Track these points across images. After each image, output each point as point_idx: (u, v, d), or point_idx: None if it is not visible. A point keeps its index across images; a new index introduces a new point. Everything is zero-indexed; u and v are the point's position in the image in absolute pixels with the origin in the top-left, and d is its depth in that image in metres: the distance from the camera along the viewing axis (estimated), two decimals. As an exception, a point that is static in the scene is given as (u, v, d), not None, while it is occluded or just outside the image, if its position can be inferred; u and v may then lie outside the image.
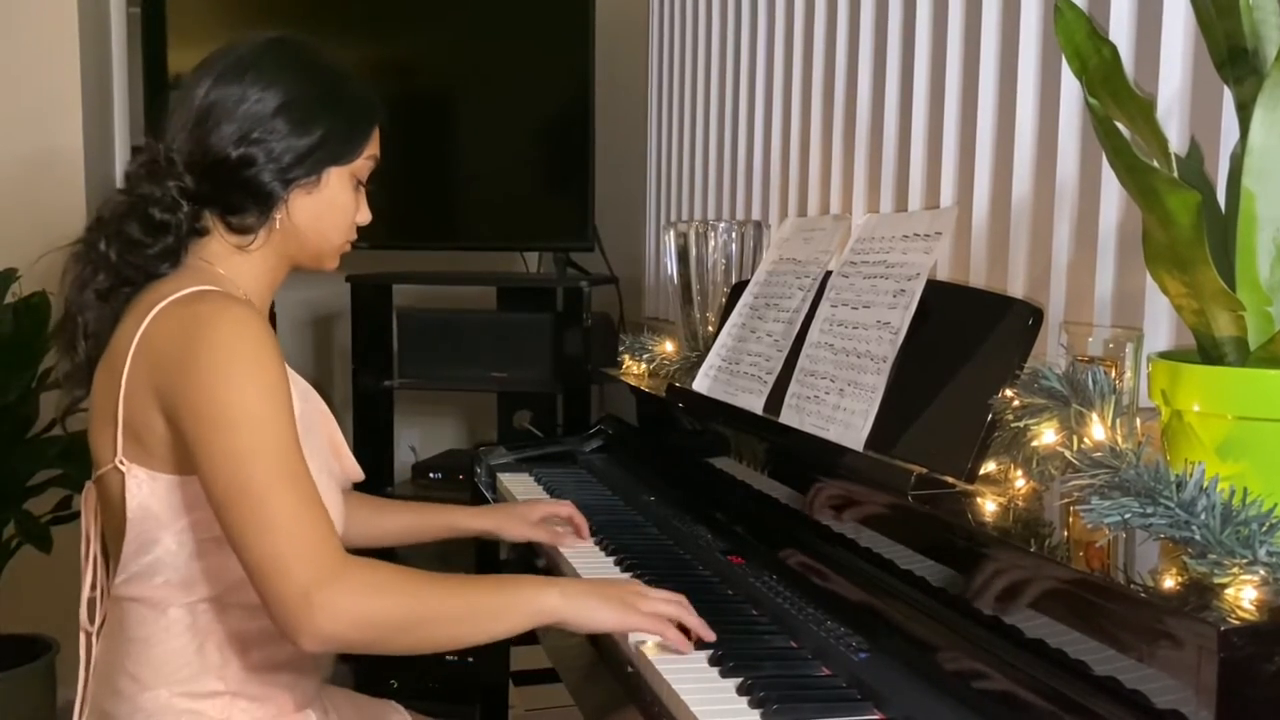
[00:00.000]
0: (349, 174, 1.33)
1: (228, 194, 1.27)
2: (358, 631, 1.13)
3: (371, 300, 2.97)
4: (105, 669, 1.30)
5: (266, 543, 1.12)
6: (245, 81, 1.27)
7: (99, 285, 1.28)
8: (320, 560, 1.12)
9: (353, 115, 1.33)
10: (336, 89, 1.33)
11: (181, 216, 1.27)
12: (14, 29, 2.96)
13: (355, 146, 1.32)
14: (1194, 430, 0.94)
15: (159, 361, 1.19)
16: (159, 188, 1.26)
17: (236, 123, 1.26)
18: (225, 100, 1.26)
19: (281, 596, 1.11)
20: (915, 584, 1.12)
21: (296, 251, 1.33)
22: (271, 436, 1.15)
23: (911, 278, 1.35)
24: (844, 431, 1.35)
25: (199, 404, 1.15)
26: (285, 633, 1.12)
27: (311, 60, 1.33)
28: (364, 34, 2.96)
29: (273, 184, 1.27)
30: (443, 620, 1.17)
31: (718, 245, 1.99)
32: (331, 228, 1.33)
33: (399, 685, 2.67)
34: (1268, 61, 0.92)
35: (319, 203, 1.31)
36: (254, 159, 1.26)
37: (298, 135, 1.27)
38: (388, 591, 1.15)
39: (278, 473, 1.14)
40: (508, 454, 2.16)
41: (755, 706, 1.05)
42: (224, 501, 1.14)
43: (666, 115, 2.84)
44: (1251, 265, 0.93)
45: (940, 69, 1.68)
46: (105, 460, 1.24)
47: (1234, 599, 0.81)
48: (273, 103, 1.26)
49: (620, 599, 1.20)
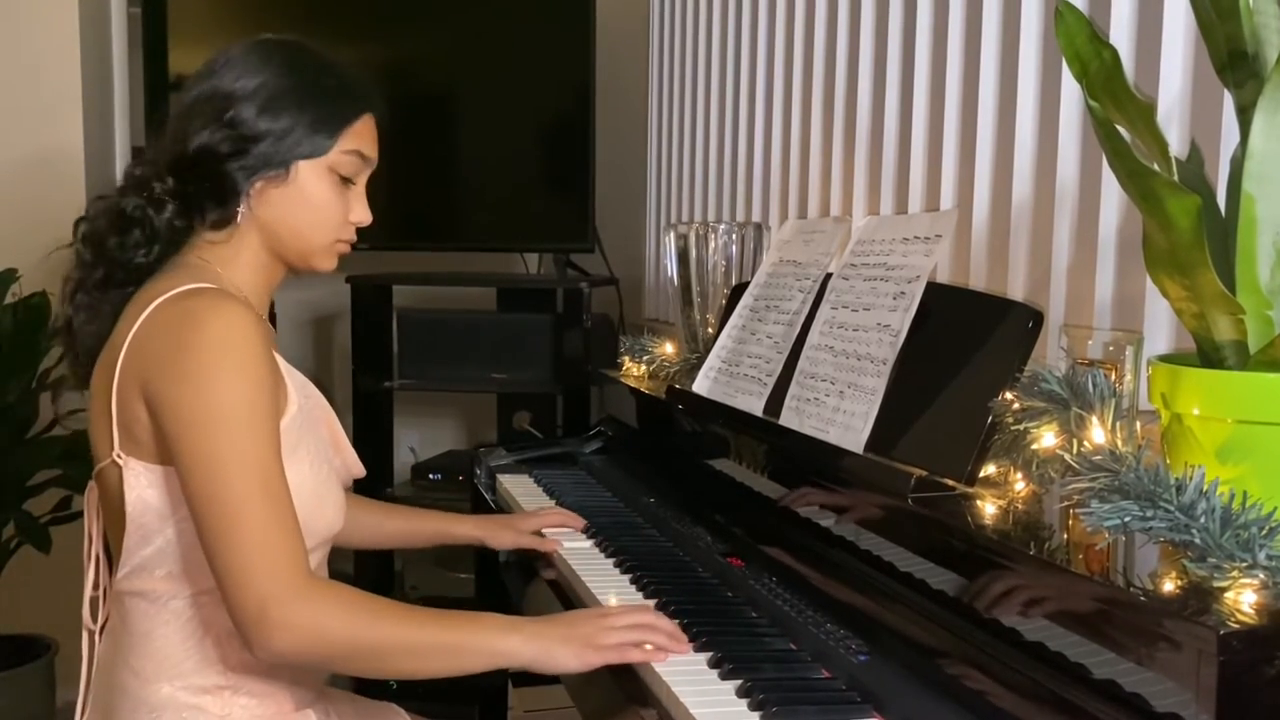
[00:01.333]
0: (325, 169, 1.29)
1: (194, 187, 1.26)
2: (310, 650, 1.14)
3: (371, 301, 2.96)
4: (107, 664, 1.30)
5: (231, 553, 1.13)
6: (217, 76, 1.27)
7: (88, 285, 1.30)
8: (281, 576, 1.13)
9: (327, 106, 1.29)
10: (312, 80, 1.29)
11: (156, 214, 1.26)
12: (15, 29, 2.96)
13: (326, 139, 1.28)
14: (1194, 433, 0.94)
15: (148, 357, 1.19)
16: (139, 187, 1.28)
17: (204, 115, 1.26)
18: (200, 96, 1.27)
19: (239, 607, 1.13)
20: (915, 587, 1.12)
21: (279, 249, 1.31)
22: (249, 444, 1.15)
23: (912, 280, 1.35)
24: (844, 434, 1.35)
25: (180, 402, 1.15)
26: (245, 643, 1.14)
27: (289, 54, 1.30)
28: (364, 34, 2.96)
29: (235, 174, 1.25)
30: (397, 652, 1.17)
31: (718, 247, 1.99)
32: (306, 225, 1.30)
33: (398, 686, 2.67)
34: (1268, 65, 0.92)
35: (288, 198, 1.28)
36: (215, 148, 1.24)
37: (261, 123, 1.25)
38: (344, 617, 1.15)
39: (252, 482, 1.14)
40: (507, 455, 2.16)
41: (755, 709, 1.05)
42: (197, 504, 1.15)
43: (667, 116, 2.84)
44: (1251, 269, 0.93)
45: (941, 71, 1.68)
46: (103, 455, 1.24)
47: (1233, 602, 0.81)
48: (240, 93, 1.25)
49: (581, 639, 1.18)
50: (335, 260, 1.35)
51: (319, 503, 1.26)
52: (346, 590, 1.18)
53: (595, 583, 1.43)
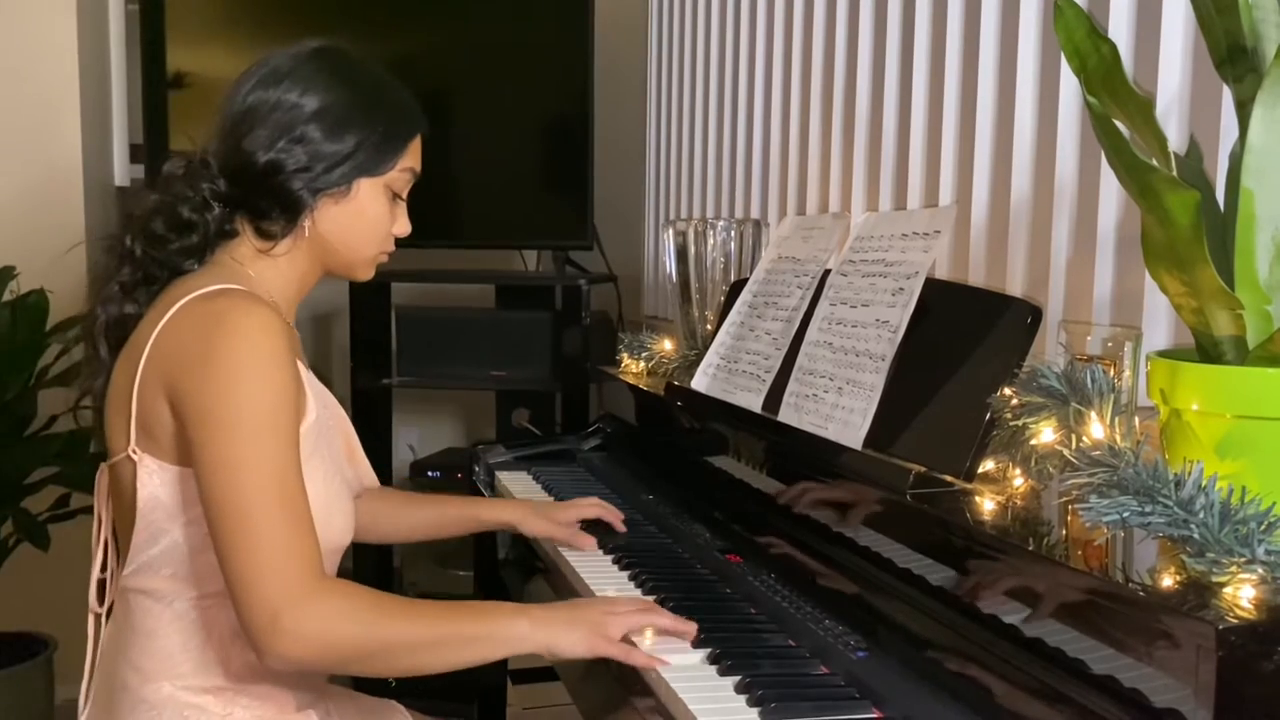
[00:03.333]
0: (382, 185, 1.31)
1: (256, 199, 1.28)
2: (319, 657, 1.14)
3: (370, 298, 2.96)
4: (110, 661, 1.30)
5: (244, 558, 1.12)
6: (282, 87, 1.27)
7: (123, 279, 1.30)
8: (292, 583, 1.12)
9: (389, 126, 1.31)
10: (374, 99, 1.31)
11: (209, 217, 1.28)
12: (13, 28, 2.96)
13: (389, 158, 1.31)
14: (1193, 429, 0.94)
15: (173, 355, 1.19)
16: (191, 188, 1.28)
17: (269, 128, 1.26)
18: (261, 105, 1.27)
19: (250, 613, 1.12)
20: (914, 583, 1.12)
21: (326, 260, 1.33)
22: (269, 449, 1.14)
23: (910, 276, 1.35)
24: (843, 430, 1.35)
25: (203, 404, 1.15)
26: (253, 649, 1.13)
27: (350, 69, 1.32)
28: (364, 33, 2.95)
29: (301, 191, 1.27)
30: (408, 649, 1.17)
31: (716, 243, 1.99)
32: (361, 240, 1.33)
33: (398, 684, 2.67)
34: (1267, 60, 0.92)
35: (348, 213, 1.30)
36: (283, 165, 1.26)
37: (330, 143, 1.27)
38: (355, 620, 1.15)
39: (269, 488, 1.14)
40: (506, 452, 2.16)
41: (753, 705, 1.05)
42: (212, 507, 1.14)
43: (665, 114, 2.84)
44: (1250, 264, 0.93)
45: (939, 67, 1.68)
46: (119, 449, 1.24)
47: (1232, 598, 0.81)
48: (307, 109, 1.26)
49: (589, 625, 1.19)
50: (374, 270, 1.38)
51: (328, 515, 1.26)
52: (355, 592, 1.17)
53: (594, 579, 1.43)
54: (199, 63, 2.88)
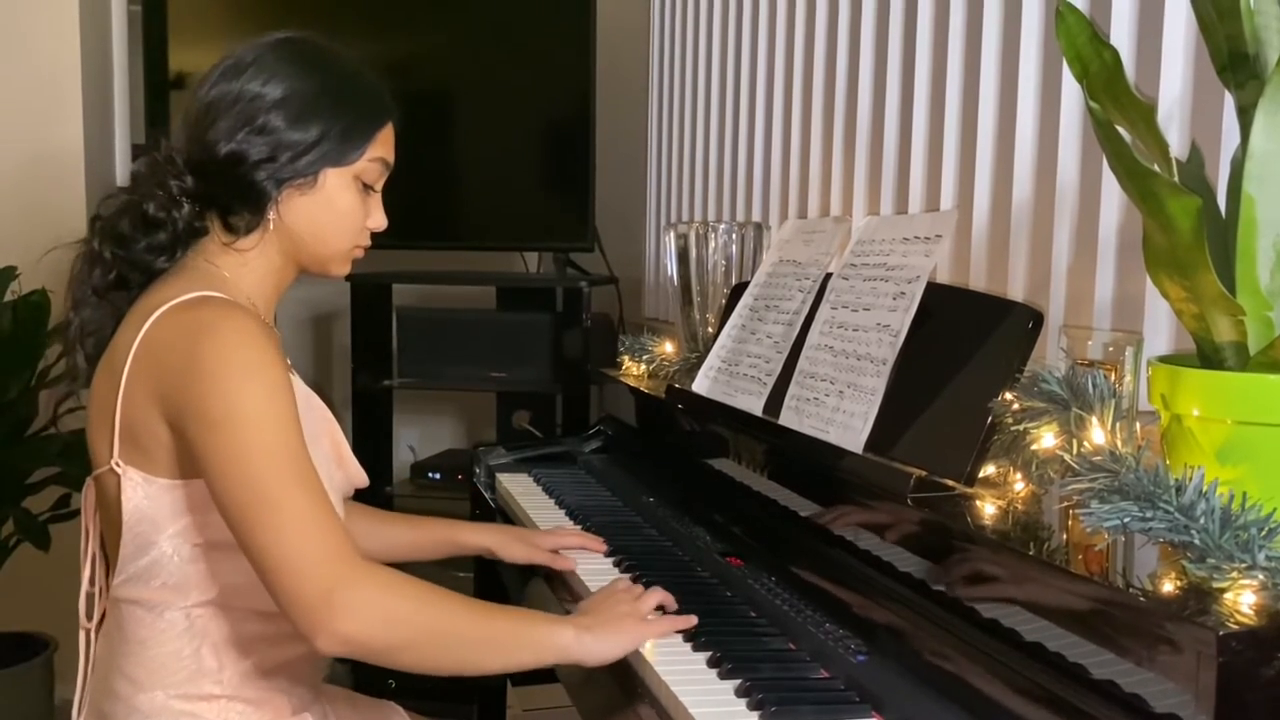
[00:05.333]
0: (351, 176, 1.29)
1: (220, 192, 1.26)
2: (374, 636, 1.11)
3: (371, 300, 2.96)
4: (103, 670, 1.29)
5: (283, 544, 1.10)
6: (244, 77, 1.25)
7: (96, 283, 1.28)
8: (340, 561, 1.10)
9: (355, 115, 1.28)
10: (340, 87, 1.29)
11: (178, 215, 1.25)
12: (14, 27, 2.96)
13: (356, 148, 1.28)
14: (1193, 434, 0.94)
15: (161, 367, 1.18)
16: (158, 185, 1.26)
17: (231, 119, 1.24)
18: (224, 97, 1.25)
19: (300, 597, 1.09)
20: (914, 587, 1.12)
21: (297, 255, 1.30)
22: (280, 437, 1.13)
23: (911, 280, 1.35)
24: (843, 434, 1.35)
25: (205, 407, 1.14)
26: (303, 634, 1.10)
27: (315, 57, 1.29)
28: (364, 33, 2.96)
29: (264, 182, 1.24)
30: (463, 641, 1.15)
31: (718, 246, 1.99)
32: (330, 232, 1.30)
33: (397, 685, 2.67)
34: (1269, 66, 0.92)
35: (316, 205, 1.27)
36: (245, 155, 1.23)
37: (293, 132, 1.24)
38: (412, 600, 1.13)
39: (289, 473, 1.12)
40: (507, 454, 2.16)
41: (753, 709, 1.05)
42: (235, 504, 1.12)
43: (667, 116, 2.84)
44: (1252, 270, 0.93)
45: (941, 71, 1.68)
46: (102, 461, 1.23)
47: (1233, 603, 0.81)
48: (269, 98, 1.24)
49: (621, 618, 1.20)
50: (350, 266, 1.35)
51: None
52: (407, 575, 1.15)
53: (594, 581, 1.43)
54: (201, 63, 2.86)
